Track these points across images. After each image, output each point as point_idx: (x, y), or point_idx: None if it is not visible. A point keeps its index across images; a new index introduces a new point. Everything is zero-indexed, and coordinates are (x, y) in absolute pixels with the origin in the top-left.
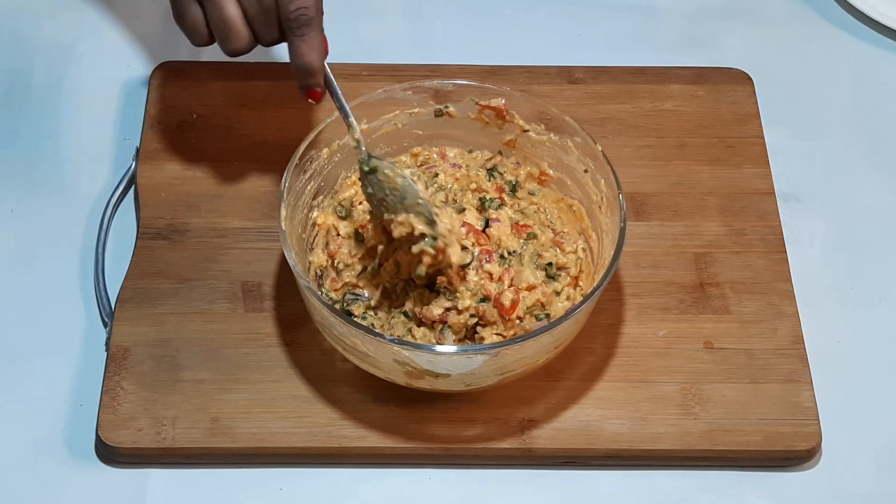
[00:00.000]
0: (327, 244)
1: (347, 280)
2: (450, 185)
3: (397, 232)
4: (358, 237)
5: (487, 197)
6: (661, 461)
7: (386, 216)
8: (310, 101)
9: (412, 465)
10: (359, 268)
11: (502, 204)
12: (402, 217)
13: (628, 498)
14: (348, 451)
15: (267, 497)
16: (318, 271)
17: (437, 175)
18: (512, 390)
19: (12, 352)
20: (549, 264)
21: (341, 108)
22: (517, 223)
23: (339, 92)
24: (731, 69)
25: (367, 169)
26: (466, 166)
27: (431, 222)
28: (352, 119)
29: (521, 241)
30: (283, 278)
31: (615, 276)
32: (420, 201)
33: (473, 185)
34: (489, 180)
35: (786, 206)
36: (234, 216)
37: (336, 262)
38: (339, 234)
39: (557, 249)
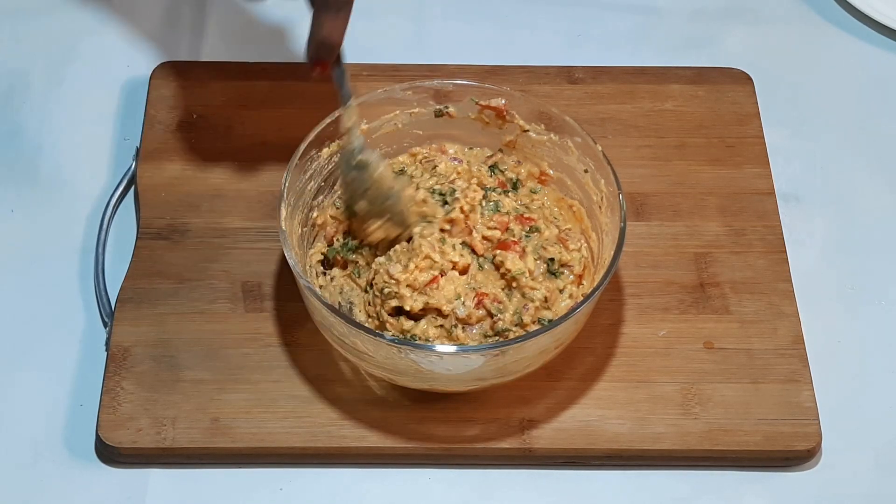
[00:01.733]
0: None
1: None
2: (451, 176)
3: (372, 237)
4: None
5: (489, 186)
6: (661, 461)
7: (359, 210)
8: (316, 72)
9: (412, 465)
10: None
11: (506, 192)
12: (376, 225)
13: (628, 498)
14: (348, 451)
15: (267, 497)
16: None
17: (435, 166)
18: (512, 390)
19: (12, 352)
20: (552, 259)
21: (343, 90)
22: (521, 215)
23: (347, 73)
24: (731, 69)
25: (353, 163)
26: (468, 162)
27: (406, 226)
28: (352, 102)
29: (524, 232)
30: (283, 278)
31: (615, 276)
32: (401, 209)
33: (475, 180)
34: (490, 176)
35: (786, 206)
36: (234, 216)
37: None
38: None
39: (561, 246)
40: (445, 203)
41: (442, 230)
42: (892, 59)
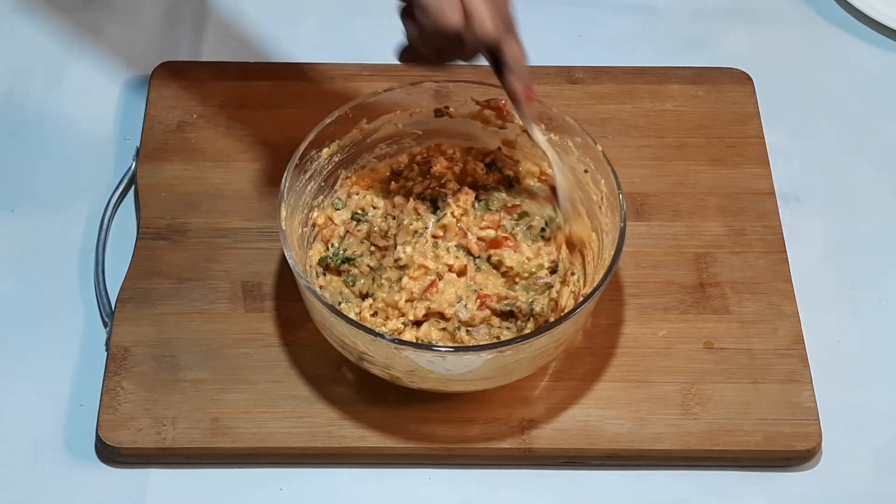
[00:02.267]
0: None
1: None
2: (444, 178)
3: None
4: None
5: (481, 183)
6: (661, 461)
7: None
8: (520, 102)
9: (412, 465)
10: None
11: (497, 188)
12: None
13: (628, 498)
14: (348, 451)
15: (267, 497)
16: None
17: (430, 168)
18: (512, 390)
19: (12, 352)
20: (544, 228)
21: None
22: (506, 205)
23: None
24: (731, 69)
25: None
26: (464, 162)
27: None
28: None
29: (514, 221)
30: (283, 278)
31: (615, 276)
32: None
33: (469, 179)
34: (487, 174)
35: (786, 206)
36: (234, 216)
37: (329, 248)
38: (334, 223)
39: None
40: (437, 209)
41: (435, 236)
42: (892, 59)
